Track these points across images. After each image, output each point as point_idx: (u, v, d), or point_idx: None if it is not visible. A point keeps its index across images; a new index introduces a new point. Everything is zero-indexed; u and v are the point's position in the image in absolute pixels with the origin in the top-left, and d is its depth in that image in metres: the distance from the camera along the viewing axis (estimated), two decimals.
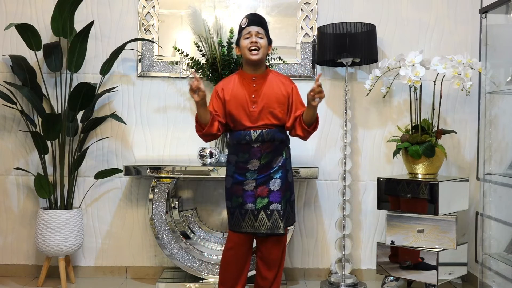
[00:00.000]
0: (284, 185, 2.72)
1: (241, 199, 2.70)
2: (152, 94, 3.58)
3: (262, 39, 2.70)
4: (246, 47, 2.68)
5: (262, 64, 2.77)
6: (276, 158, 2.73)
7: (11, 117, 3.55)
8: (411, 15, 3.58)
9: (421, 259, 3.05)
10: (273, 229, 2.68)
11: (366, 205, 3.59)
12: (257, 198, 2.69)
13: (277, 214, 2.67)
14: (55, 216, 3.24)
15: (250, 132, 2.70)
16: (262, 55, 2.71)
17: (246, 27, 2.70)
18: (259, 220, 2.68)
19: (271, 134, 2.70)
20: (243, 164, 2.72)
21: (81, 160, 3.40)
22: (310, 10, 3.57)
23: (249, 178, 2.70)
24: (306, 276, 3.59)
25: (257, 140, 2.69)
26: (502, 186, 2.95)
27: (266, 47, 2.73)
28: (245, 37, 2.69)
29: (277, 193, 2.69)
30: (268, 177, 2.70)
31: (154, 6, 3.56)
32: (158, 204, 3.29)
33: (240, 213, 2.70)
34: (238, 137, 2.72)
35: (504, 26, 2.97)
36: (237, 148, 2.74)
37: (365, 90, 3.39)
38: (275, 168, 2.72)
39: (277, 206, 2.68)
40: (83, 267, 3.59)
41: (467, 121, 3.57)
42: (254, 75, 2.74)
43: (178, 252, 3.31)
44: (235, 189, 2.73)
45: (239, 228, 2.71)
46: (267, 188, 2.69)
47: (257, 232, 2.70)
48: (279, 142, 2.73)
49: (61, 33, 3.32)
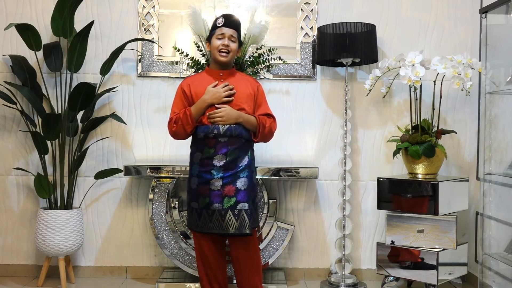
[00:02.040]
0: (251, 185, 2.74)
1: (208, 199, 2.69)
2: (152, 94, 3.58)
3: (234, 42, 2.78)
4: (217, 48, 2.76)
5: (230, 64, 2.85)
6: (242, 157, 2.74)
7: (11, 117, 3.55)
8: (411, 15, 3.58)
9: (421, 259, 3.05)
10: (240, 229, 2.67)
11: (366, 205, 3.59)
12: (224, 198, 2.68)
13: (245, 214, 2.67)
14: (55, 216, 3.24)
15: (218, 126, 2.71)
16: (231, 58, 2.80)
17: (220, 27, 2.76)
18: (226, 220, 2.67)
19: (239, 130, 2.73)
20: (208, 160, 2.71)
21: (81, 160, 3.40)
22: (310, 10, 3.57)
23: (216, 177, 2.69)
24: (306, 276, 3.59)
25: (225, 134, 2.71)
26: (502, 186, 2.95)
27: (236, 51, 2.82)
28: (218, 37, 2.77)
29: (244, 192, 2.70)
30: (234, 175, 2.70)
31: (154, 6, 3.56)
32: (158, 204, 3.29)
33: (207, 213, 2.69)
34: (205, 131, 2.73)
35: (504, 26, 2.97)
36: (202, 143, 2.74)
37: (365, 90, 3.39)
38: (241, 167, 2.73)
39: (244, 205, 2.68)
40: (83, 267, 3.59)
41: (467, 121, 3.57)
42: (221, 72, 2.82)
43: (178, 252, 3.31)
44: (202, 189, 2.71)
45: (207, 229, 2.71)
46: (234, 187, 2.69)
47: (224, 233, 2.69)
48: (245, 140, 2.76)
49: (61, 33, 3.32)
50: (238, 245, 2.76)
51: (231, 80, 2.81)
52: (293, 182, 3.58)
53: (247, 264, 2.79)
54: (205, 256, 2.78)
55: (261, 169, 3.22)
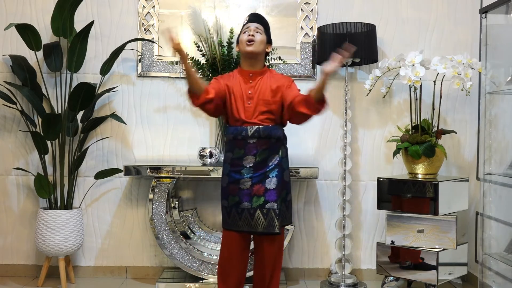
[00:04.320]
0: (280, 184, 2.71)
1: (237, 198, 2.70)
2: (152, 94, 3.58)
3: (260, 34, 2.73)
4: (244, 41, 2.72)
5: (260, 61, 2.78)
6: (272, 156, 2.72)
7: (11, 117, 3.55)
8: (411, 15, 3.58)
9: (421, 259, 3.05)
10: (269, 228, 2.67)
11: (366, 205, 3.59)
12: (253, 197, 2.68)
13: (273, 213, 2.67)
14: (55, 216, 3.24)
15: (246, 128, 2.69)
16: (257, 48, 2.71)
17: (246, 24, 2.77)
18: (255, 219, 2.67)
19: (268, 131, 2.70)
20: (238, 161, 2.71)
21: (81, 160, 3.40)
22: (310, 10, 3.57)
23: (245, 176, 2.69)
24: (306, 276, 3.59)
25: (253, 136, 2.69)
26: (502, 186, 2.95)
27: (263, 42, 2.74)
28: (244, 32, 2.75)
29: (273, 192, 2.68)
30: (264, 175, 2.70)
31: (154, 6, 3.56)
32: (158, 204, 3.29)
33: (237, 211, 2.70)
34: (234, 132, 2.72)
35: (504, 26, 2.97)
36: (232, 144, 2.74)
37: (365, 90, 3.39)
38: (271, 166, 2.71)
39: (273, 205, 2.67)
40: (83, 267, 3.59)
41: (467, 121, 3.57)
42: (251, 72, 2.76)
43: (178, 252, 3.31)
44: (232, 188, 2.72)
45: (236, 227, 2.71)
46: (263, 187, 2.68)
47: (253, 231, 2.70)
48: (275, 139, 2.73)
49: (61, 33, 3.33)
50: (265, 243, 2.75)
51: (260, 80, 2.75)
52: (293, 182, 3.58)
53: (271, 261, 2.77)
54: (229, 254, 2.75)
55: None
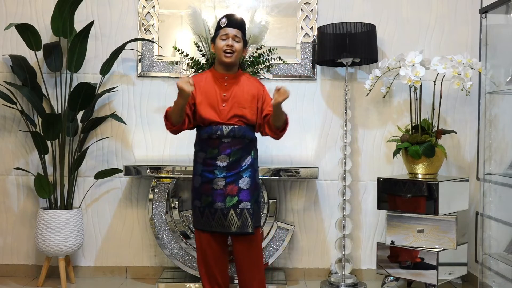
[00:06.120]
0: (253, 184, 2.74)
1: (211, 198, 2.70)
2: (152, 94, 3.58)
3: (239, 42, 2.75)
4: (222, 49, 2.73)
5: (235, 66, 2.82)
6: (245, 157, 2.74)
7: (11, 117, 3.55)
8: (411, 15, 3.58)
9: (421, 259, 3.05)
10: (242, 228, 2.68)
11: (366, 205, 3.59)
12: (226, 197, 2.69)
13: (247, 213, 2.68)
14: (55, 216, 3.24)
15: (222, 127, 2.71)
16: (235, 59, 2.76)
17: (224, 28, 2.74)
18: (228, 219, 2.68)
19: (242, 131, 2.73)
20: (211, 161, 2.72)
21: (81, 160, 3.40)
22: (310, 10, 3.57)
23: (218, 176, 2.70)
24: (306, 276, 3.59)
25: (228, 135, 2.71)
26: (502, 186, 2.95)
27: (241, 51, 2.78)
28: (222, 38, 2.73)
29: (246, 192, 2.70)
30: (237, 175, 2.71)
31: (154, 6, 3.56)
32: (158, 204, 3.29)
33: (210, 212, 2.70)
34: (209, 132, 2.73)
35: (504, 26, 2.97)
36: (206, 144, 2.74)
37: (365, 90, 3.39)
38: (244, 166, 2.73)
39: (246, 204, 2.68)
40: (83, 267, 3.59)
41: (467, 121, 3.57)
42: (226, 75, 2.79)
43: (178, 252, 3.32)
44: (205, 188, 2.72)
45: (209, 227, 2.72)
46: (237, 187, 2.69)
47: (227, 232, 2.70)
48: (248, 140, 2.76)
49: (61, 33, 3.32)
50: (241, 244, 2.76)
51: (234, 83, 2.78)
52: (293, 182, 3.59)
53: (250, 263, 2.78)
54: (206, 255, 2.78)
55: (261, 169, 3.22)
